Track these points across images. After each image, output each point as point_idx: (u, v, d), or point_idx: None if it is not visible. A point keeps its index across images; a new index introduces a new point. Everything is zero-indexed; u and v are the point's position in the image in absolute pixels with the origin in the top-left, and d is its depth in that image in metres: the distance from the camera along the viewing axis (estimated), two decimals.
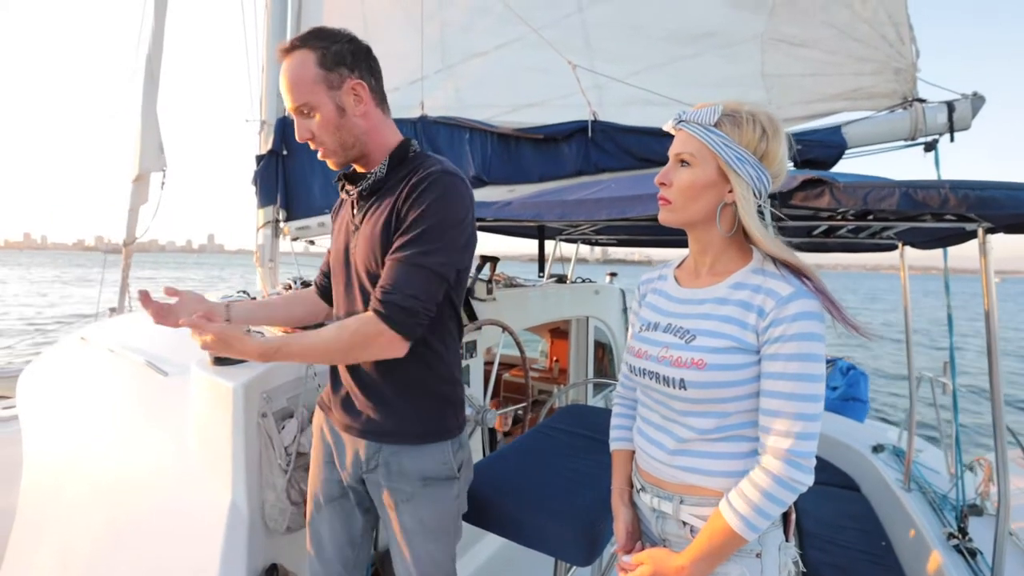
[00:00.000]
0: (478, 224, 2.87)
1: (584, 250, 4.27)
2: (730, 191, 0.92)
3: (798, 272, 0.90)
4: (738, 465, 0.92)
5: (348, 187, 1.19)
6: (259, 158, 2.81)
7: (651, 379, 0.98)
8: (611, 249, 4.65)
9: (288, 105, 1.09)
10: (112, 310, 3.71)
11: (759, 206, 0.93)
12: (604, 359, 4.03)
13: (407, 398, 1.16)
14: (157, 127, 3.22)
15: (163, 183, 3.31)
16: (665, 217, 0.99)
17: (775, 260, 0.92)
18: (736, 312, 0.91)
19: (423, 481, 1.17)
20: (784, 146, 0.94)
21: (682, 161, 0.95)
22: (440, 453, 1.18)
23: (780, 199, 1.32)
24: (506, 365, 4.46)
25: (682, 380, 0.92)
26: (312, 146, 1.12)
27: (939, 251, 2.40)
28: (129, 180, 3.28)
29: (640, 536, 1.08)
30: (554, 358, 4.52)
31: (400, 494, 1.17)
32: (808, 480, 0.86)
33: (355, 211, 1.19)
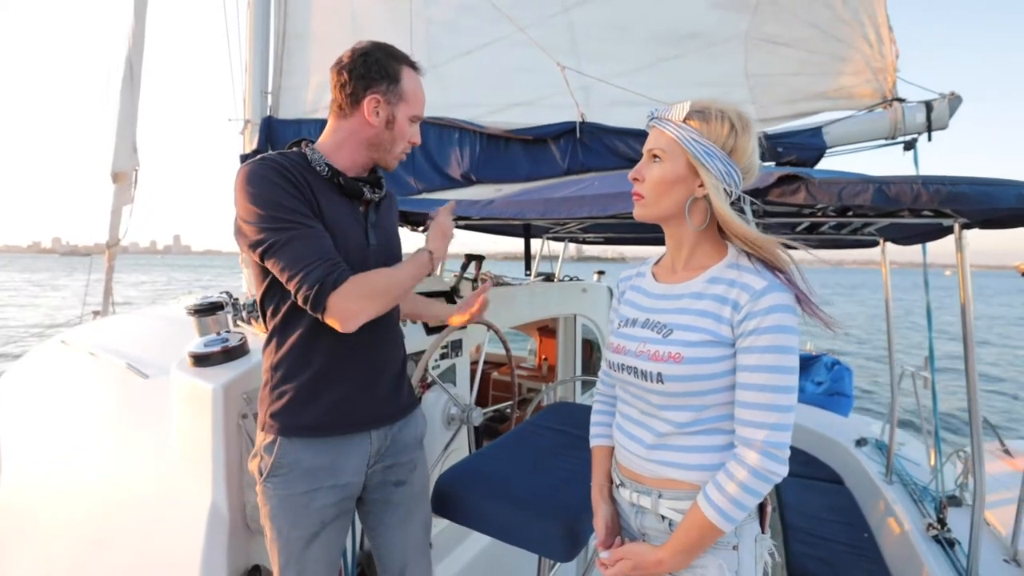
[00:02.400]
0: (463, 223, 2.87)
1: (559, 247, 4.26)
2: (700, 185, 0.94)
3: (772, 266, 0.92)
4: (715, 458, 0.93)
5: (375, 189, 1.27)
6: (243, 158, 2.79)
7: (629, 374, 0.99)
8: (585, 247, 4.68)
9: (422, 113, 1.27)
10: (96, 313, 3.66)
11: (738, 199, 0.95)
12: (592, 357, 4.04)
13: (402, 373, 1.34)
14: (134, 126, 3.18)
15: (135, 182, 3.28)
16: (639, 212, 1.00)
17: (749, 255, 0.94)
18: (712, 306, 0.93)
19: (418, 444, 1.37)
20: (754, 142, 0.96)
21: (654, 157, 0.97)
22: (421, 413, 1.41)
23: (757, 196, 1.33)
24: (495, 364, 4.46)
25: (659, 374, 0.93)
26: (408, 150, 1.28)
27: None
28: (106, 179, 3.25)
29: (620, 531, 1.09)
30: (543, 356, 4.53)
31: (407, 466, 1.32)
32: (782, 471, 0.87)
33: (365, 209, 1.27)
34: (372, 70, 1.17)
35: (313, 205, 1.12)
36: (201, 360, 1.41)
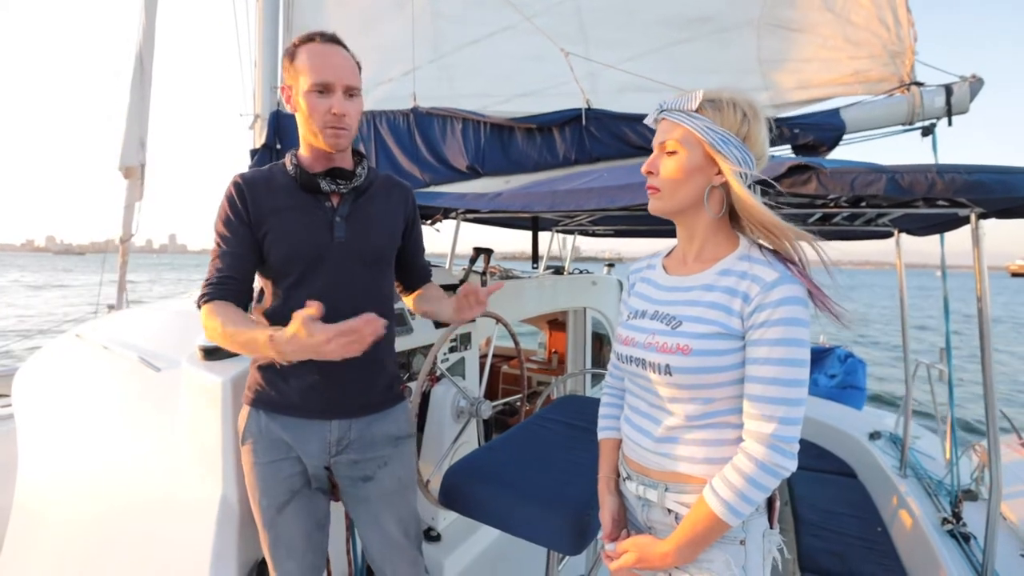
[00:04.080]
0: (471, 216, 2.85)
1: (554, 248, 4.18)
2: (717, 173, 0.93)
3: (784, 258, 0.91)
4: (722, 452, 0.92)
5: (339, 181, 1.24)
6: (253, 152, 2.80)
7: (637, 365, 0.98)
8: (583, 248, 4.61)
9: (340, 81, 1.16)
10: (110, 307, 3.72)
11: (750, 187, 0.94)
12: (602, 350, 4.03)
13: (376, 369, 1.30)
14: (144, 122, 3.22)
15: (143, 178, 3.32)
16: (655, 206, 0.99)
17: (761, 246, 0.93)
18: (722, 298, 0.92)
19: (394, 442, 1.32)
20: (765, 129, 0.95)
21: (668, 150, 0.95)
22: (403, 412, 1.37)
23: (767, 186, 1.31)
24: (505, 357, 4.47)
25: (667, 366, 0.92)
26: (342, 124, 1.17)
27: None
28: (114, 175, 3.30)
29: (626, 524, 1.08)
30: (552, 349, 4.52)
31: (376, 462, 1.29)
32: (791, 465, 0.86)
33: (337, 202, 1.25)
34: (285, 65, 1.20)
35: (250, 222, 1.19)
36: (210, 353, 1.43)
